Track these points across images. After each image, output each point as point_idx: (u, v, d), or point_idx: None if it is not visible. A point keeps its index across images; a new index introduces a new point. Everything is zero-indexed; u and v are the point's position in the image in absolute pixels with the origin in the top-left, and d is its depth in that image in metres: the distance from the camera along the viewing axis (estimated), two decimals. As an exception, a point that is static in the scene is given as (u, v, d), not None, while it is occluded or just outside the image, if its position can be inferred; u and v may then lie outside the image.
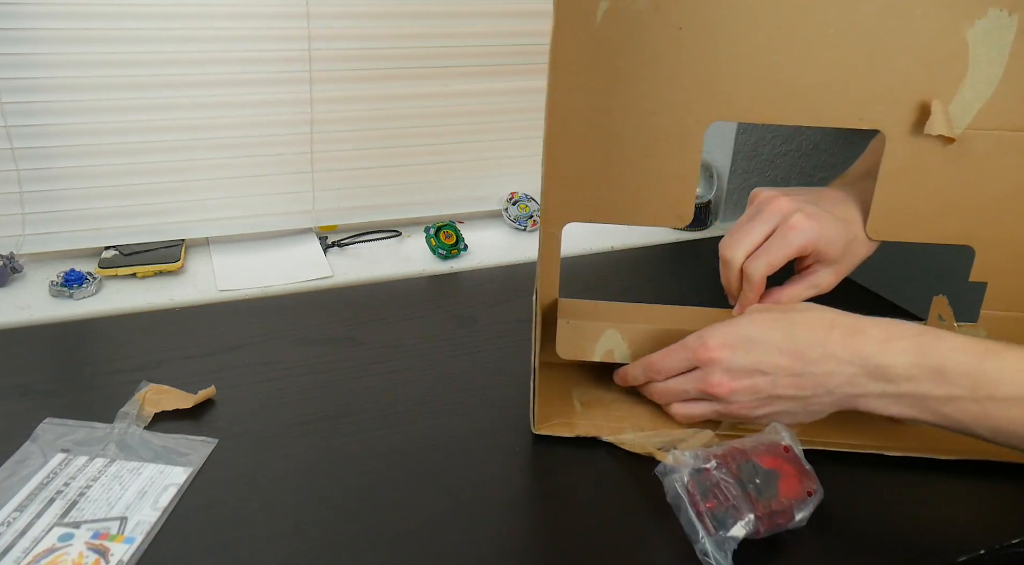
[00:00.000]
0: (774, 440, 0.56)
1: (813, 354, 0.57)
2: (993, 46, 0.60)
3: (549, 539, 0.55)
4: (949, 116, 0.61)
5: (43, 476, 0.58)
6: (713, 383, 0.60)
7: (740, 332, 0.59)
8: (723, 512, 0.52)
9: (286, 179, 0.99)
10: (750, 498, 0.52)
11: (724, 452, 0.55)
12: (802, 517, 0.53)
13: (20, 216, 0.90)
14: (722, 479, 0.53)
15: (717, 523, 0.51)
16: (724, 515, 0.52)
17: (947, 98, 0.61)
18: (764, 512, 0.52)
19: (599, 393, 0.68)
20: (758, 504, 0.52)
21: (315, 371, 0.72)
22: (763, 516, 0.52)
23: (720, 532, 0.51)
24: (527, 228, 1.06)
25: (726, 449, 0.55)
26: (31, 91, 0.85)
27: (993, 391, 0.53)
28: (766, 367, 0.58)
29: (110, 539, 0.53)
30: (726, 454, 0.54)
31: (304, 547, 0.53)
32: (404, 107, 1.00)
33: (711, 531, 0.51)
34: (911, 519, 0.57)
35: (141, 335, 0.77)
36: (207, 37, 0.89)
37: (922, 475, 0.61)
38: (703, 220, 1.08)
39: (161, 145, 0.92)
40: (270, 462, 0.61)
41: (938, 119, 0.61)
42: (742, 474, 0.53)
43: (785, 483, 0.53)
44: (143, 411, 0.65)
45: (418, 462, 0.61)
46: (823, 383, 0.57)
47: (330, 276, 0.92)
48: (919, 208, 0.64)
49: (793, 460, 0.55)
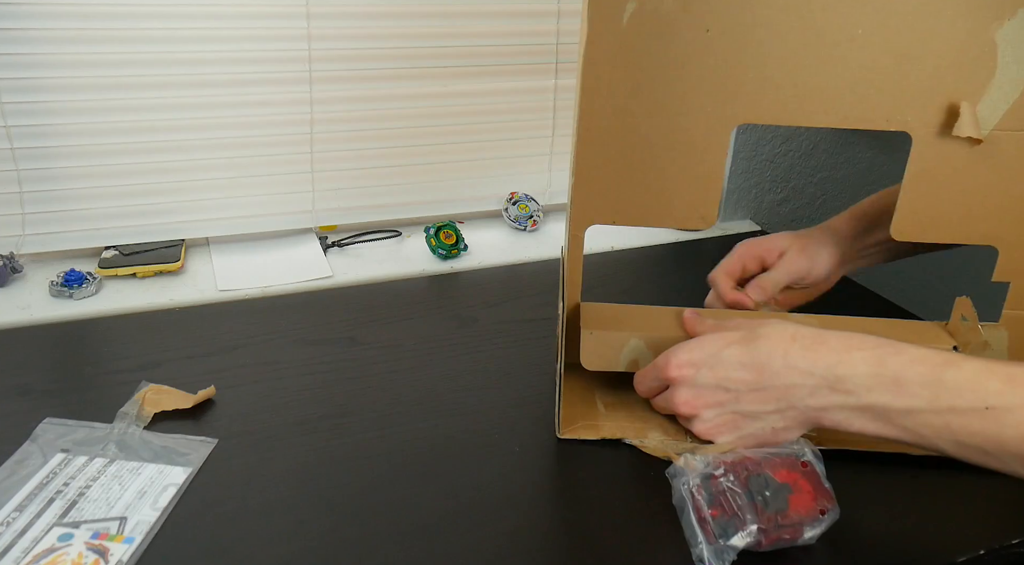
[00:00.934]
0: (794, 454, 0.55)
1: (775, 366, 0.56)
2: (1021, 46, 0.60)
3: (549, 539, 0.55)
4: (977, 117, 0.61)
5: (43, 476, 0.58)
6: (679, 402, 0.60)
7: (704, 350, 0.59)
8: (726, 521, 0.51)
9: (286, 179, 0.99)
10: (756, 509, 0.51)
11: (736, 461, 0.54)
12: (812, 535, 0.52)
13: (20, 216, 0.90)
14: (729, 487, 0.52)
15: (719, 531, 0.51)
16: (727, 524, 0.51)
17: (975, 99, 0.61)
18: (769, 525, 0.51)
19: (622, 394, 0.68)
20: (764, 516, 0.51)
21: (315, 371, 0.72)
22: (768, 529, 0.51)
23: (720, 540, 0.51)
24: (527, 228, 1.06)
25: (738, 458, 0.54)
26: (31, 91, 0.85)
27: (953, 402, 0.52)
28: (729, 383, 0.58)
29: (110, 539, 0.53)
30: (737, 463, 0.54)
31: (304, 547, 0.53)
32: (404, 107, 1.00)
33: (711, 539, 0.51)
34: (911, 519, 0.57)
35: (141, 335, 0.77)
36: (207, 37, 0.89)
37: (922, 475, 0.61)
38: (703, 220, 1.08)
39: (161, 145, 0.92)
40: (270, 462, 0.61)
41: (967, 121, 0.61)
42: (751, 485, 0.52)
43: (797, 498, 0.52)
44: (143, 411, 0.65)
45: (418, 462, 0.61)
46: (786, 396, 0.56)
47: (330, 276, 0.92)
48: (944, 209, 0.64)
49: (811, 476, 0.54)
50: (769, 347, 0.57)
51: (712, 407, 0.59)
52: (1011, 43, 0.60)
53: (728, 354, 0.58)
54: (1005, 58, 0.60)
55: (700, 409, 0.59)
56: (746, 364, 0.57)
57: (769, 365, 0.57)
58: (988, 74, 0.61)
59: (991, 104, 0.61)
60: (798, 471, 0.54)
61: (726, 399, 0.58)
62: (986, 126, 0.62)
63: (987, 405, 0.51)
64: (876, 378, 0.54)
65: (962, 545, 0.54)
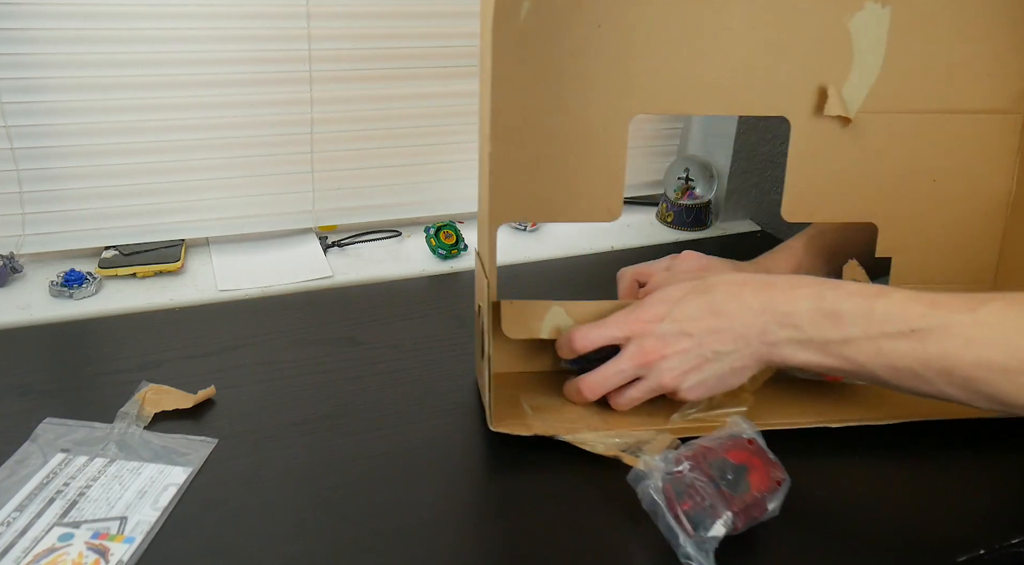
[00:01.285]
0: (737, 434, 0.56)
1: (730, 308, 0.61)
2: (872, 35, 0.66)
3: (536, 545, 0.55)
4: (843, 98, 0.67)
5: (43, 476, 0.58)
6: (648, 350, 0.62)
7: (664, 304, 0.62)
8: (700, 512, 0.52)
9: (286, 179, 0.99)
10: (724, 495, 0.52)
11: (694, 452, 0.55)
12: (774, 507, 0.54)
13: (20, 216, 0.90)
14: (696, 479, 0.53)
15: (695, 524, 0.52)
16: (702, 515, 0.52)
17: (839, 83, 0.67)
18: (739, 507, 0.52)
19: (548, 400, 0.67)
20: (734, 500, 0.52)
21: (315, 371, 0.72)
22: (739, 511, 0.52)
23: (700, 532, 0.51)
24: (527, 228, 1.05)
25: (695, 449, 0.55)
26: (31, 91, 0.85)
27: (883, 328, 0.56)
28: (692, 329, 0.61)
29: (110, 539, 0.53)
30: (696, 454, 0.55)
31: (304, 547, 0.53)
32: (404, 107, 1.00)
33: (690, 533, 0.51)
34: (911, 519, 0.57)
35: (141, 335, 0.77)
36: (207, 37, 0.89)
37: (922, 475, 0.61)
38: (703, 220, 1.08)
39: (161, 145, 0.92)
40: (270, 462, 0.61)
41: (833, 101, 0.67)
42: (714, 472, 0.53)
43: (755, 476, 0.54)
44: (143, 411, 0.65)
45: (418, 462, 0.61)
46: (743, 334, 0.60)
47: (330, 276, 0.92)
48: (826, 189, 0.70)
49: (759, 452, 0.55)
50: (724, 292, 0.61)
51: (678, 354, 0.61)
52: (863, 32, 0.66)
53: (686, 304, 0.62)
54: (860, 46, 0.66)
55: (668, 356, 0.61)
56: (705, 310, 0.61)
57: (725, 307, 0.61)
58: (848, 61, 0.67)
59: (854, 88, 0.67)
60: (747, 450, 0.56)
61: (690, 345, 0.61)
62: (852, 108, 0.68)
63: (912, 328, 0.55)
64: (818, 312, 0.58)
65: (962, 545, 0.54)
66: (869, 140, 0.69)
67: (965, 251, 0.73)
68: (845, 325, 0.57)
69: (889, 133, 0.69)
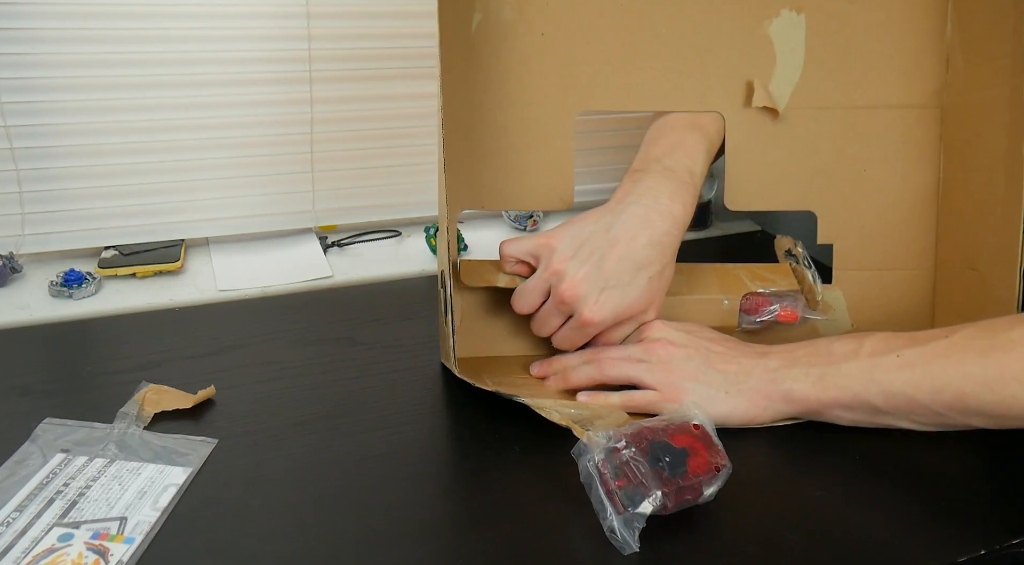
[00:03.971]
0: (686, 419, 0.57)
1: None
2: (791, 39, 0.72)
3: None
4: (769, 92, 0.72)
5: (43, 476, 0.58)
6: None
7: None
8: (632, 490, 0.52)
9: (286, 179, 0.99)
10: (659, 476, 0.53)
11: (636, 432, 0.56)
12: (711, 492, 0.54)
13: (20, 216, 0.90)
14: (632, 458, 0.54)
15: (627, 501, 0.52)
16: (633, 493, 0.52)
17: (766, 80, 0.73)
18: (672, 489, 0.53)
19: (511, 378, 0.70)
20: (668, 482, 0.53)
21: (315, 371, 0.72)
22: (670, 492, 0.53)
23: (629, 509, 0.52)
24: (527, 228, 1.05)
25: (638, 429, 0.56)
26: (31, 91, 0.85)
27: (872, 351, 0.61)
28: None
29: (110, 539, 0.53)
30: (638, 434, 0.55)
31: (304, 547, 0.53)
32: (404, 107, 1.00)
33: (620, 509, 0.52)
34: (911, 519, 0.57)
35: (141, 335, 0.77)
36: (207, 37, 0.89)
37: (922, 475, 0.61)
38: (703, 220, 1.08)
39: (161, 145, 0.92)
40: (270, 462, 0.61)
41: (760, 94, 0.72)
42: (652, 453, 0.54)
43: (695, 460, 0.55)
44: (143, 411, 0.65)
45: (418, 462, 0.61)
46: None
47: (330, 276, 0.92)
48: (764, 179, 0.75)
49: (703, 438, 0.56)
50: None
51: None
52: (782, 37, 0.72)
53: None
54: (780, 49, 0.72)
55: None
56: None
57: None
58: (771, 61, 0.73)
59: (779, 85, 0.73)
60: (692, 435, 0.56)
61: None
62: (780, 103, 0.73)
63: (898, 354, 0.59)
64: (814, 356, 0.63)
65: (962, 545, 0.54)
66: (800, 133, 0.74)
67: (903, 238, 0.76)
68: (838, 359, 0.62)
69: (818, 127, 0.73)
